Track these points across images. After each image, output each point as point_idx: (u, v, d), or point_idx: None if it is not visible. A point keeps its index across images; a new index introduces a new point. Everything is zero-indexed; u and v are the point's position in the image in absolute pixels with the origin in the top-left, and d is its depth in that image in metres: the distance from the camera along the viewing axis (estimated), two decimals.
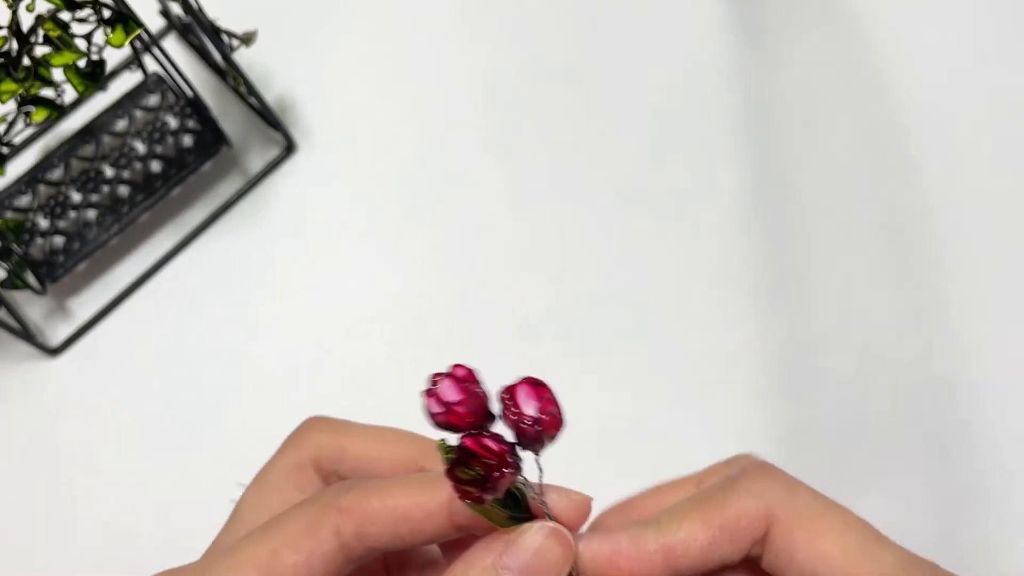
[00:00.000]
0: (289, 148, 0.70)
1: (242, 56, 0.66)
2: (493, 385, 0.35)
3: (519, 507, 0.38)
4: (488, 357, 0.65)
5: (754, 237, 0.67)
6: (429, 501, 0.39)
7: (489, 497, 0.35)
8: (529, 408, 0.36)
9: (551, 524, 0.38)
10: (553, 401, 0.37)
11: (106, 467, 0.64)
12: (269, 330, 0.66)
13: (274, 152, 0.70)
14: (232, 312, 0.67)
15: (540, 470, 0.38)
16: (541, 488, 0.38)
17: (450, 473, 0.35)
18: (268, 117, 0.67)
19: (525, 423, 0.36)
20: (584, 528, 0.40)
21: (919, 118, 0.69)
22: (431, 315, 0.66)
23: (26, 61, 0.53)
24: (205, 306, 0.67)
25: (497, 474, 0.35)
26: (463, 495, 0.35)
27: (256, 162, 0.70)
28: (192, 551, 0.62)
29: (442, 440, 0.35)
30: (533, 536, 0.37)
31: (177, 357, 0.66)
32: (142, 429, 0.64)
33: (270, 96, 0.71)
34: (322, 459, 0.44)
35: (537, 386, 0.37)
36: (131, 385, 0.65)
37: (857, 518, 0.37)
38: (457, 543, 0.40)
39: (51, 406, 0.65)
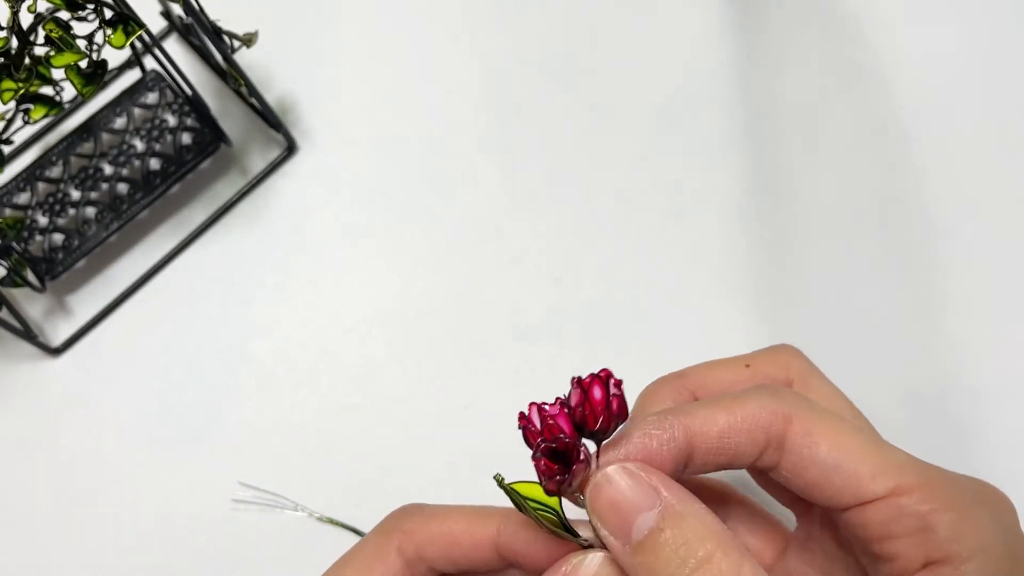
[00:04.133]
0: (290, 149, 0.70)
1: (243, 57, 0.66)
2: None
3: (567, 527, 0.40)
4: (488, 357, 0.66)
5: (754, 237, 0.67)
6: (478, 531, 0.43)
7: (566, 482, 0.38)
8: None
9: (604, 553, 0.40)
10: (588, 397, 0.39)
11: (108, 467, 0.64)
12: (270, 330, 0.66)
13: (275, 152, 0.70)
14: (233, 312, 0.67)
15: (598, 457, 0.40)
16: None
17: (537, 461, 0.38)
18: (269, 118, 0.67)
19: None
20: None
21: (919, 118, 0.69)
22: (431, 315, 0.66)
23: (27, 61, 0.52)
24: (206, 306, 0.67)
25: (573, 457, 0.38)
26: (551, 484, 0.38)
27: (257, 162, 0.70)
28: (193, 550, 0.62)
29: (498, 474, 0.38)
30: (589, 566, 0.39)
31: (178, 357, 0.66)
32: (143, 429, 0.64)
33: (271, 97, 0.71)
34: (404, 543, 0.45)
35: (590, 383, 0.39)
36: (132, 385, 0.65)
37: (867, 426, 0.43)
38: None
39: (52, 406, 0.65)
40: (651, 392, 0.49)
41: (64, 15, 0.52)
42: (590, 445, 0.39)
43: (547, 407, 0.39)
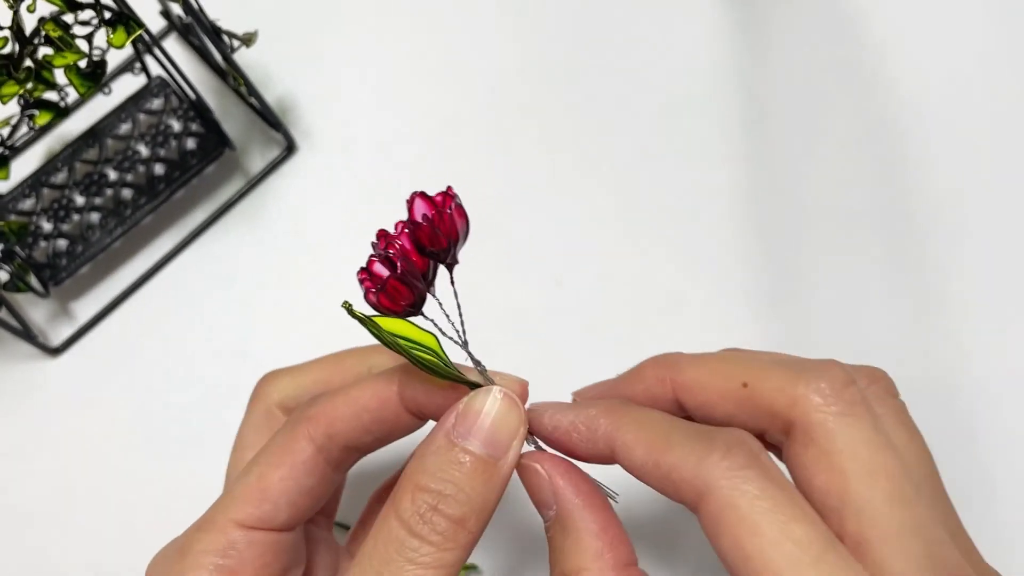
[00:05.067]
0: (290, 148, 0.70)
1: (242, 57, 0.66)
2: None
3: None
4: (488, 357, 0.66)
5: (754, 237, 0.67)
6: (382, 389, 0.44)
7: (396, 286, 0.40)
8: (420, 214, 0.41)
9: (498, 388, 0.41)
10: (440, 209, 0.41)
11: (106, 467, 0.64)
12: (269, 330, 0.66)
13: (275, 152, 0.70)
14: (232, 312, 0.67)
15: (453, 284, 0.44)
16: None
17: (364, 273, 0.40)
18: (269, 118, 0.67)
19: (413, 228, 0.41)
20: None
21: (919, 118, 0.69)
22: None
23: (27, 63, 0.53)
24: (206, 306, 0.67)
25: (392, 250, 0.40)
26: (375, 287, 0.40)
27: (257, 162, 0.70)
28: None
29: (346, 301, 0.39)
30: (480, 400, 0.40)
31: (178, 357, 0.66)
32: (143, 429, 0.64)
33: (271, 97, 0.71)
34: (285, 400, 0.49)
35: (429, 198, 0.42)
36: (132, 385, 0.66)
37: (804, 526, 0.36)
38: None
39: (52, 406, 0.65)
40: (638, 371, 0.47)
41: (65, 16, 0.53)
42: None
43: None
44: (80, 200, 0.67)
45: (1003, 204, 0.67)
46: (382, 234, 0.41)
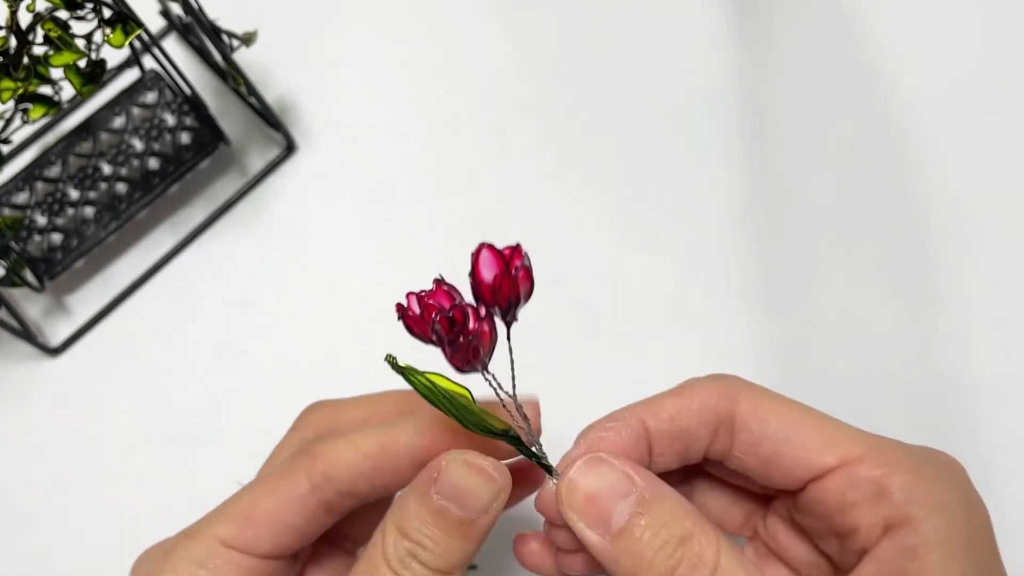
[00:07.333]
0: (289, 148, 0.70)
1: (242, 56, 0.66)
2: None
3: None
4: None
5: (754, 237, 0.67)
6: (386, 439, 0.44)
7: (473, 355, 0.39)
8: (488, 274, 0.40)
9: (477, 460, 0.41)
10: (508, 265, 0.40)
11: (106, 467, 0.64)
12: (269, 330, 0.66)
13: (274, 152, 0.70)
14: (232, 312, 0.67)
15: (509, 340, 0.42)
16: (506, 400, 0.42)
17: (442, 343, 0.39)
18: (268, 117, 0.67)
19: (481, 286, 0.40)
20: None
21: (919, 118, 0.69)
22: None
23: (25, 60, 0.52)
24: (205, 306, 0.67)
25: (460, 318, 0.38)
26: (457, 359, 0.39)
27: (256, 162, 0.70)
28: None
29: (389, 355, 0.39)
30: (456, 472, 0.40)
31: (177, 357, 0.66)
32: (142, 429, 0.64)
33: (270, 96, 0.70)
34: (320, 434, 0.48)
35: (498, 251, 0.40)
36: (131, 385, 0.65)
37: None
38: None
39: (51, 406, 0.65)
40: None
41: (63, 14, 0.52)
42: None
43: (424, 293, 0.39)
44: (74, 194, 0.67)
45: (1003, 204, 0.67)
46: (434, 302, 0.40)
